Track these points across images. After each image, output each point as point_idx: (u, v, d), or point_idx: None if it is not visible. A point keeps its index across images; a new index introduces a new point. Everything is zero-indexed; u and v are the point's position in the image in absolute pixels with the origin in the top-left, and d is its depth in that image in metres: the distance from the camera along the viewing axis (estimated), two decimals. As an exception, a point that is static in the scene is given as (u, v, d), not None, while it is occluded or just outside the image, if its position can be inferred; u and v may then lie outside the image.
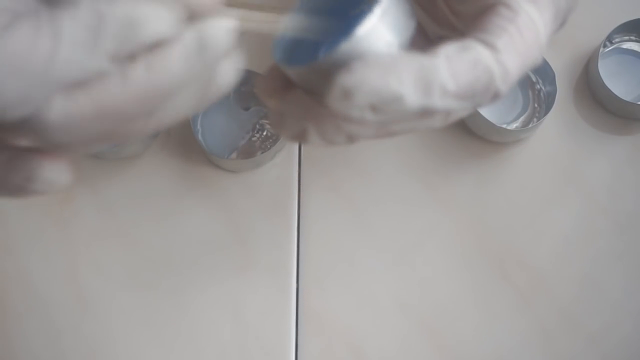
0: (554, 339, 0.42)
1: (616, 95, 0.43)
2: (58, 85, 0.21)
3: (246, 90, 0.46)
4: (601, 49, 0.44)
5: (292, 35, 0.27)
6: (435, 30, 0.30)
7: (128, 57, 0.21)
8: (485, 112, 0.43)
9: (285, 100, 0.27)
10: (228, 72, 0.24)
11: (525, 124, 0.45)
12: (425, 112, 0.25)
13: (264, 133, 0.46)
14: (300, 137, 0.27)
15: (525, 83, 0.46)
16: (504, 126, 0.44)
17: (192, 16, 0.22)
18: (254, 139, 0.46)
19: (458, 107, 0.25)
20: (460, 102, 0.25)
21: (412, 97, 0.24)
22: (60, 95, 0.21)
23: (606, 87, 0.43)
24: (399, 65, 0.24)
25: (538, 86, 0.45)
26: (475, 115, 0.43)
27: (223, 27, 0.22)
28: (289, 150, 0.46)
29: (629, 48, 0.46)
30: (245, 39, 0.24)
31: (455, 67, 0.25)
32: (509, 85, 0.26)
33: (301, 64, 0.26)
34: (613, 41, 0.46)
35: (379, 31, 0.25)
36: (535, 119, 0.45)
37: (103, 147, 0.24)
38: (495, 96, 0.26)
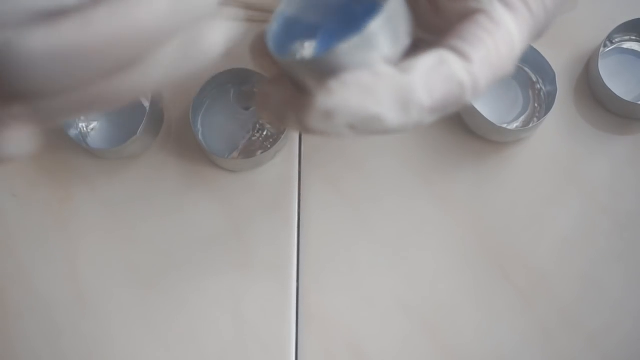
0: (554, 338, 0.42)
1: (616, 95, 0.43)
2: (24, 12, 0.19)
3: (246, 90, 0.46)
4: (601, 49, 0.44)
5: (286, 17, 0.27)
6: (415, 32, 0.30)
7: None
8: (486, 111, 0.43)
9: (273, 85, 0.27)
10: (216, 36, 0.22)
11: (526, 123, 0.45)
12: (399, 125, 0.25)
13: (264, 133, 0.46)
14: (280, 122, 0.27)
15: (526, 83, 0.46)
16: (504, 126, 0.44)
17: None
18: (254, 138, 0.46)
19: (428, 119, 0.26)
20: (432, 114, 0.25)
21: (390, 117, 0.25)
22: (21, 28, 0.19)
23: (606, 86, 0.43)
24: (378, 86, 0.24)
25: (538, 86, 0.45)
26: (475, 115, 0.43)
27: None
28: (289, 150, 0.46)
29: (630, 48, 0.46)
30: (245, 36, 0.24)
31: (431, 83, 0.25)
32: (477, 97, 0.26)
33: (289, 56, 0.26)
34: (613, 41, 0.46)
35: (375, 41, 0.25)
36: (535, 119, 0.45)
37: (71, 113, 0.22)
38: (462, 107, 0.26)
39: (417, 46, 0.28)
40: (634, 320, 0.42)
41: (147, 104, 0.46)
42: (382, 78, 0.24)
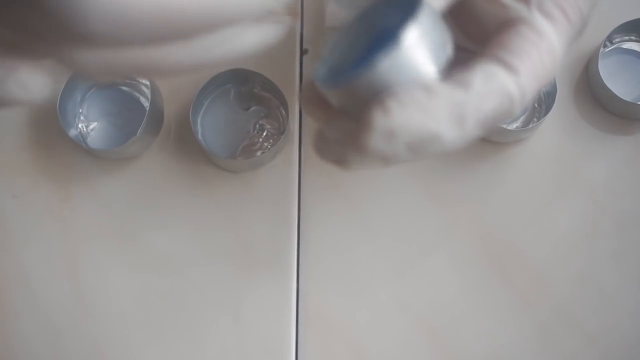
0: (553, 338, 0.42)
1: (616, 95, 0.43)
2: None
3: (246, 90, 0.46)
4: (601, 49, 0.44)
5: (334, 58, 0.27)
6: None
7: None
8: (486, 112, 0.43)
9: (329, 125, 0.27)
10: (277, 24, 0.23)
11: (526, 124, 0.45)
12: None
13: (264, 133, 0.46)
14: (343, 164, 0.27)
15: (526, 83, 0.46)
16: (504, 126, 0.44)
17: None
18: (254, 139, 0.46)
19: (478, 134, 0.25)
20: (483, 129, 0.25)
21: (448, 135, 0.24)
22: None
23: (606, 87, 0.43)
24: (435, 104, 0.24)
25: (538, 86, 0.45)
26: (476, 115, 0.43)
27: None
28: (289, 151, 0.46)
29: (629, 48, 0.46)
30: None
31: (484, 97, 0.25)
32: (523, 108, 0.26)
33: (337, 85, 0.26)
34: (613, 41, 0.46)
35: (415, 55, 0.25)
36: (535, 119, 0.45)
37: (134, 73, 0.23)
38: (510, 119, 0.26)
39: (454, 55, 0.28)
40: (633, 319, 0.42)
41: (147, 104, 0.46)
42: (438, 95, 0.24)
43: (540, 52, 0.26)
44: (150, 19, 0.20)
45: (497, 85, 0.25)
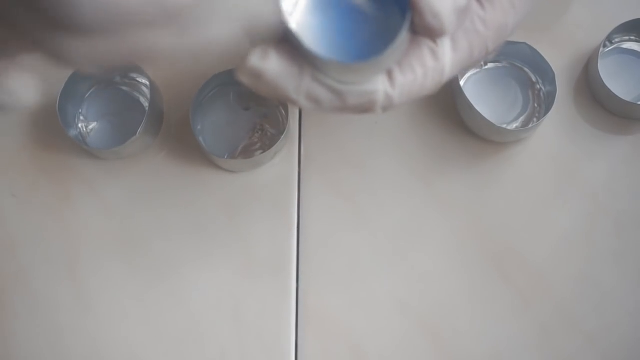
0: (553, 338, 0.42)
1: (616, 95, 0.43)
2: None
3: (246, 90, 0.46)
4: (601, 49, 0.44)
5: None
6: None
7: None
8: (485, 112, 0.43)
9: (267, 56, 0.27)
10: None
11: (525, 124, 0.45)
12: None
13: (264, 133, 0.46)
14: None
15: (526, 83, 0.46)
16: (504, 126, 0.44)
17: None
18: (254, 139, 0.46)
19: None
20: (342, 111, 0.27)
21: (303, 105, 0.26)
22: None
23: (606, 87, 0.43)
24: (302, 82, 0.26)
25: (538, 86, 0.45)
26: (475, 115, 0.43)
27: None
28: (288, 150, 0.46)
29: (629, 48, 0.46)
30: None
31: (349, 95, 0.26)
32: (387, 111, 0.27)
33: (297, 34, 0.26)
34: (613, 41, 0.46)
35: (375, 66, 0.25)
36: (535, 119, 0.45)
37: (110, 62, 0.22)
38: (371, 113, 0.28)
39: None
40: (633, 320, 0.42)
41: (147, 104, 0.46)
42: (305, 77, 0.26)
43: (426, 73, 0.27)
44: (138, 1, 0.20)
45: (368, 90, 0.26)
